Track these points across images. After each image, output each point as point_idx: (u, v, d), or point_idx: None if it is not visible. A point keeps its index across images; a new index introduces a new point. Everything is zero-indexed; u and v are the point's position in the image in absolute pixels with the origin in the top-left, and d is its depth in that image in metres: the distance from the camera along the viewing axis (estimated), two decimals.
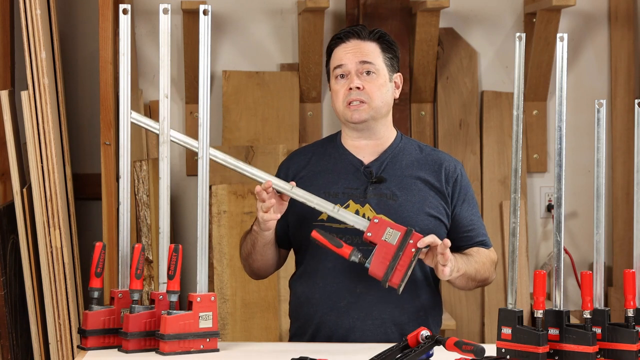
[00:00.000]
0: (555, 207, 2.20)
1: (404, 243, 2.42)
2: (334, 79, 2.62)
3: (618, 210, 4.06)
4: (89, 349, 2.36)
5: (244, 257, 2.67)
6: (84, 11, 3.86)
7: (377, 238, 2.44)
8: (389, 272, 2.40)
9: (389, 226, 2.44)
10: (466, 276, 2.54)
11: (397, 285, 2.40)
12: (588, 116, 3.90)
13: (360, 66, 2.58)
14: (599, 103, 2.23)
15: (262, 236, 2.56)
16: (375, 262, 2.42)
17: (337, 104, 2.61)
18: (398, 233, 2.43)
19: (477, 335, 3.98)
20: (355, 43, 2.61)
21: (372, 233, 2.45)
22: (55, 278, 3.20)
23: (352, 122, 2.59)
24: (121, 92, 2.45)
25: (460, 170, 2.67)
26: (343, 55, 2.60)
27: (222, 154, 2.52)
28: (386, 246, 2.42)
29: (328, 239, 2.46)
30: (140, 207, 3.58)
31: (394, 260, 2.41)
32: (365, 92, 2.57)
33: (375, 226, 2.45)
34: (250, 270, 2.70)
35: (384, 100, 2.60)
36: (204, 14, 2.35)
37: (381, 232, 2.44)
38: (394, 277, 2.40)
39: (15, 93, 3.36)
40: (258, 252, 2.61)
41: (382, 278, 2.41)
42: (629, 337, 2.15)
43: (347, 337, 2.55)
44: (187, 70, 3.90)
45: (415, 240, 2.42)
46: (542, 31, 3.85)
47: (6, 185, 3.38)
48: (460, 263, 2.51)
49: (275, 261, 2.68)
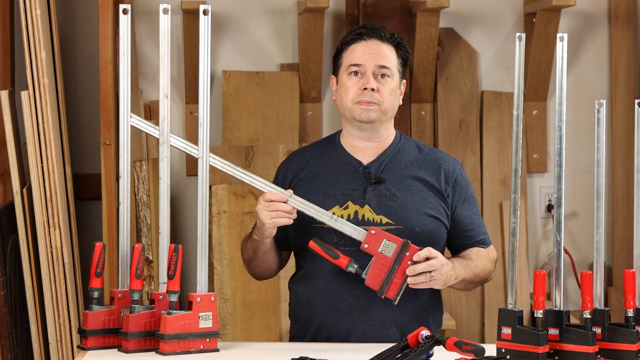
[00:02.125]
0: (555, 207, 2.20)
1: (399, 256, 2.44)
2: (347, 74, 2.59)
3: (618, 210, 4.06)
4: (89, 349, 2.36)
5: (246, 261, 2.68)
6: (84, 11, 3.86)
7: (373, 250, 2.46)
8: (384, 285, 2.44)
9: (386, 238, 2.46)
10: (465, 281, 2.55)
11: (393, 298, 2.45)
12: (588, 116, 3.90)
13: (378, 69, 2.57)
14: (599, 103, 2.23)
15: (263, 244, 2.57)
16: (371, 274, 2.45)
17: (345, 100, 2.59)
18: (394, 245, 2.45)
19: (477, 335, 3.98)
20: (376, 44, 2.59)
21: (368, 245, 2.47)
22: (55, 278, 3.20)
23: (359, 120, 2.58)
24: (121, 92, 2.45)
25: (459, 170, 2.67)
26: (362, 54, 2.58)
27: (221, 161, 2.52)
28: (382, 258, 2.45)
29: (325, 250, 2.49)
30: (140, 207, 3.58)
31: (390, 273, 2.44)
32: (378, 94, 2.56)
33: (372, 238, 2.47)
34: (253, 274, 2.71)
35: (392, 105, 2.60)
36: (204, 14, 2.35)
37: (378, 244, 2.46)
38: (389, 290, 2.44)
39: (15, 93, 3.36)
40: (260, 259, 2.62)
41: (378, 290, 2.45)
42: (629, 337, 2.15)
43: (347, 338, 2.55)
44: (187, 70, 3.90)
45: (412, 253, 2.44)
46: (542, 31, 3.85)
47: (6, 185, 3.38)
48: (459, 269, 2.51)
49: (278, 264, 2.68)
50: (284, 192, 2.50)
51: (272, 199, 2.49)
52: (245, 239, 2.68)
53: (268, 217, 2.48)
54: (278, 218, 2.48)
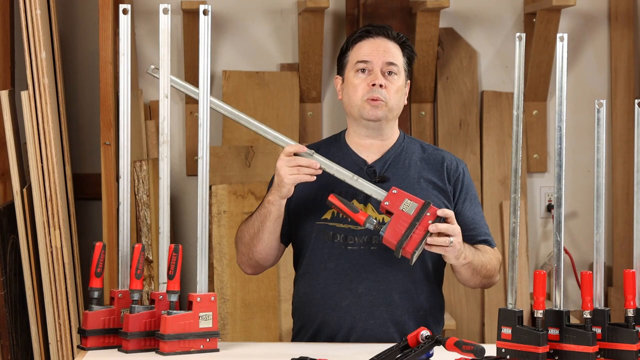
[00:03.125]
0: (555, 207, 2.20)
1: (421, 214, 2.39)
2: (354, 71, 2.59)
3: (618, 210, 4.06)
4: (89, 349, 2.36)
5: (246, 242, 2.60)
6: (84, 11, 3.86)
7: (394, 207, 2.41)
8: (403, 239, 2.37)
9: (407, 197, 2.42)
10: (472, 266, 2.51)
11: (411, 254, 2.38)
12: (588, 116, 3.90)
13: (385, 66, 2.57)
14: (599, 103, 2.23)
15: (276, 207, 2.49)
16: (390, 230, 2.38)
17: (353, 98, 2.58)
18: (415, 204, 2.41)
19: (477, 335, 3.98)
20: (383, 41, 2.60)
21: (389, 202, 2.42)
22: (55, 278, 3.20)
23: (367, 118, 2.58)
24: (121, 92, 2.45)
25: (462, 169, 2.67)
26: (370, 51, 2.58)
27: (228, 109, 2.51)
28: (403, 215, 2.40)
29: (345, 204, 2.43)
30: (140, 207, 3.58)
31: (410, 229, 2.38)
32: (385, 91, 2.56)
33: (393, 196, 2.43)
34: (250, 259, 2.62)
35: (398, 103, 2.60)
36: (204, 14, 2.35)
37: (399, 202, 2.41)
38: (408, 245, 2.37)
39: (15, 93, 3.36)
40: (267, 229, 2.54)
41: (395, 245, 2.38)
42: (629, 337, 2.15)
43: (348, 337, 2.55)
44: (187, 70, 3.90)
45: (433, 213, 2.39)
46: (542, 31, 3.85)
47: (6, 185, 3.38)
48: (468, 251, 2.49)
49: (277, 248, 2.62)
50: (308, 150, 2.47)
51: (293, 152, 2.46)
52: (246, 219, 2.64)
53: (288, 172, 2.44)
54: (299, 174, 2.44)
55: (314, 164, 2.45)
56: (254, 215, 2.59)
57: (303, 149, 2.47)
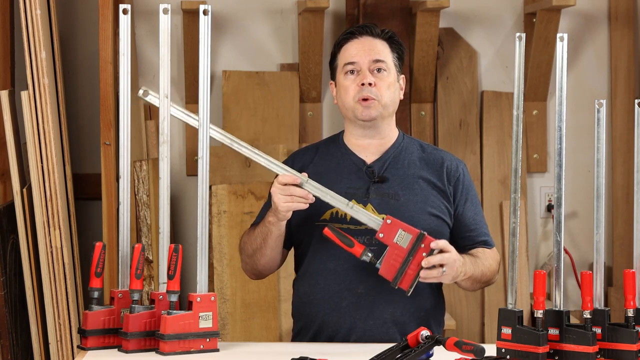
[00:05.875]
0: (555, 207, 2.20)
1: (415, 247, 2.43)
2: (343, 74, 2.60)
3: (618, 210, 4.06)
4: (89, 349, 2.36)
5: (249, 254, 2.64)
6: (84, 11, 3.86)
7: (389, 240, 2.45)
8: (398, 275, 2.43)
9: (401, 228, 2.45)
10: (472, 278, 2.55)
11: (407, 289, 2.44)
12: (588, 116, 3.90)
13: (372, 64, 2.58)
14: (599, 103, 2.23)
15: (277, 227, 2.53)
16: (385, 264, 2.44)
17: (346, 100, 2.59)
18: (410, 236, 2.44)
19: (477, 335, 3.98)
20: (368, 40, 2.61)
21: (384, 234, 2.45)
22: (55, 278, 3.20)
23: (361, 119, 2.58)
24: (121, 92, 2.45)
25: (462, 169, 2.67)
26: (355, 52, 2.59)
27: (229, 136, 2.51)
28: (397, 249, 2.44)
29: (340, 238, 2.46)
30: (140, 207, 3.58)
31: (404, 264, 2.43)
32: (375, 89, 2.56)
33: (387, 227, 2.45)
34: (254, 269, 2.67)
35: (392, 99, 2.60)
36: (204, 14, 2.35)
37: (393, 234, 2.45)
38: (403, 281, 2.43)
39: (15, 93, 3.36)
40: (269, 246, 2.57)
41: (392, 281, 2.43)
42: (629, 337, 2.15)
43: (348, 337, 2.55)
44: (187, 70, 3.90)
45: (427, 245, 2.42)
46: (542, 31, 3.85)
47: (6, 185, 3.38)
48: (469, 266, 2.51)
49: (280, 258, 2.66)
50: (299, 176, 2.48)
51: (286, 182, 2.47)
52: (245, 233, 2.67)
53: (282, 200, 2.46)
54: (293, 202, 2.46)
55: (307, 194, 2.46)
56: (257, 230, 2.60)
57: (296, 180, 2.47)
